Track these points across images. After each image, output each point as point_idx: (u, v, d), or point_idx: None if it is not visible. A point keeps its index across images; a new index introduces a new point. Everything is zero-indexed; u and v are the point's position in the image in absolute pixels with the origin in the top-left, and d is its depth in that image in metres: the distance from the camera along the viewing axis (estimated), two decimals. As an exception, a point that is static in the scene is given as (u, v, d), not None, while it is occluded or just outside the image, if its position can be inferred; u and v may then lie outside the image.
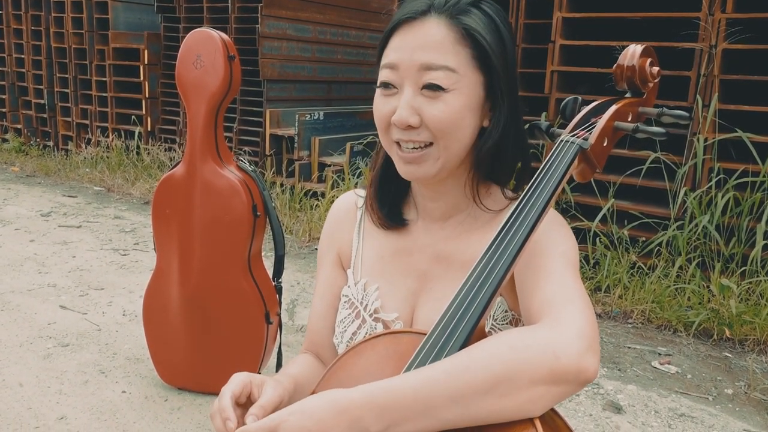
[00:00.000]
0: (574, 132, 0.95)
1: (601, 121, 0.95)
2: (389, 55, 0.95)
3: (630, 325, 3.66)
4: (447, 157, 0.96)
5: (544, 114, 4.38)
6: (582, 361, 0.74)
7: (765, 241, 3.55)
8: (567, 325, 0.77)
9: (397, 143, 0.96)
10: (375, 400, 0.75)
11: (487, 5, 0.96)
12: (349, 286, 1.11)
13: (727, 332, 3.43)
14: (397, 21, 0.95)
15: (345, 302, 1.10)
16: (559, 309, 0.81)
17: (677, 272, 3.77)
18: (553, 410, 0.80)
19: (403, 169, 0.98)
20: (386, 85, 0.95)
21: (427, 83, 0.92)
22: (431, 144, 0.94)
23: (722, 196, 3.72)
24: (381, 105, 0.97)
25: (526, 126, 1.02)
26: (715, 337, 3.46)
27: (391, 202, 1.09)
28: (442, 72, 0.91)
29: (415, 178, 0.98)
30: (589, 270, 4.05)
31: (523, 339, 0.76)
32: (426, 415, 0.74)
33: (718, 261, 3.74)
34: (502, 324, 1.00)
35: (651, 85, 1.02)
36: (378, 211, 1.08)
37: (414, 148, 0.95)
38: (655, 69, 1.01)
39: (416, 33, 0.93)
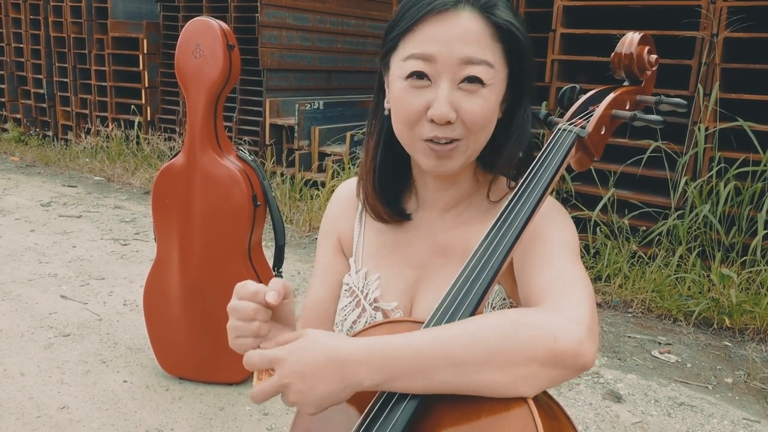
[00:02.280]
0: (572, 120, 0.95)
1: (599, 110, 0.94)
2: (421, 45, 0.90)
3: (630, 315, 3.66)
4: (473, 151, 0.95)
5: (544, 103, 4.36)
6: (580, 347, 0.74)
7: (766, 231, 3.55)
8: (567, 311, 0.78)
9: (429, 139, 0.92)
10: (374, 354, 0.77)
11: (510, 2, 0.95)
12: (350, 275, 1.10)
13: (727, 321, 3.43)
14: (426, 10, 0.90)
15: (346, 290, 1.10)
16: (560, 294, 0.81)
17: (677, 262, 3.77)
18: (550, 397, 0.81)
19: (429, 164, 0.95)
20: (421, 76, 0.90)
21: (468, 76, 0.89)
22: (462, 139, 0.93)
23: (723, 186, 3.71)
24: (411, 97, 0.91)
25: None
26: (715, 326, 3.46)
27: (393, 197, 1.07)
28: (482, 66, 0.89)
29: (441, 172, 0.96)
30: (590, 259, 4.05)
31: (525, 317, 0.77)
32: (422, 374, 0.75)
33: (719, 250, 3.74)
34: None
35: (649, 73, 1.02)
36: (381, 206, 1.06)
37: (446, 143, 0.92)
38: (653, 57, 1.01)
39: (452, 25, 0.89)
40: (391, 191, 1.07)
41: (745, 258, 3.63)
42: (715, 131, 3.80)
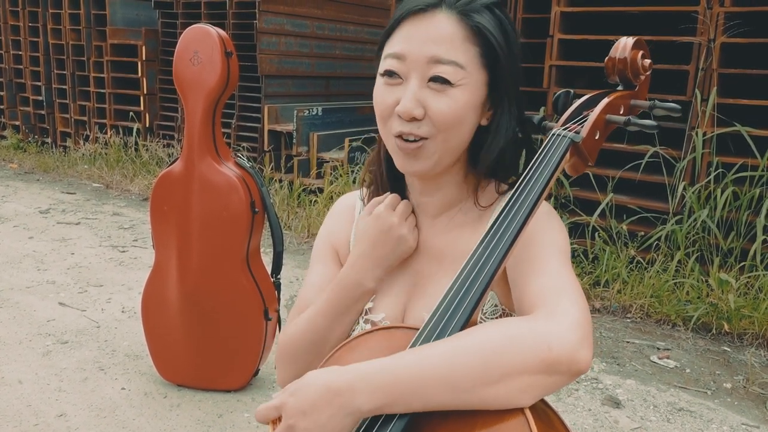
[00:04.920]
0: (566, 125, 0.95)
1: (593, 115, 0.94)
2: (396, 44, 0.94)
3: (629, 320, 3.66)
4: (444, 152, 0.95)
5: (542, 108, 4.37)
6: (575, 353, 0.75)
7: (764, 236, 3.56)
8: (561, 317, 0.78)
9: (397, 135, 0.95)
10: (369, 380, 0.77)
11: (499, 10, 0.96)
12: None
13: (726, 326, 3.43)
14: (406, 11, 0.94)
15: None
16: (553, 300, 0.81)
17: (676, 267, 3.77)
18: (546, 404, 0.81)
19: (399, 161, 0.98)
20: (391, 74, 0.94)
21: (434, 76, 0.91)
22: (429, 138, 0.94)
23: (721, 191, 3.71)
24: (384, 94, 0.96)
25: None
26: (713, 331, 3.46)
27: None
28: (450, 66, 0.91)
29: (411, 170, 0.98)
30: (588, 264, 4.05)
31: (517, 328, 0.77)
32: (418, 397, 0.75)
33: (717, 255, 3.74)
34: (491, 318, 1.00)
35: (643, 77, 1.02)
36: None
37: (413, 140, 0.94)
38: (647, 61, 1.01)
39: (426, 25, 0.92)
40: (394, 190, 1.08)
41: (743, 263, 3.64)
42: (712, 136, 3.80)
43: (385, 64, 0.95)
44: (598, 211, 4.02)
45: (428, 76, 0.92)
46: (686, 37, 3.84)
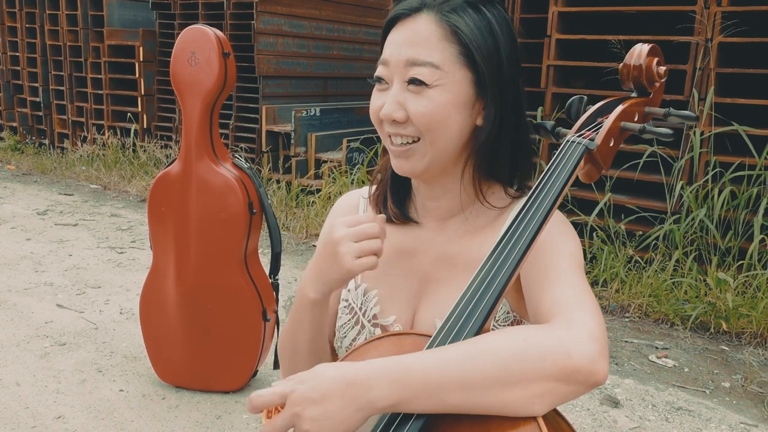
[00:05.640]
0: (580, 132, 0.94)
1: (608, 122, 0.93)
2: (384, 51, 0.97)
3: (627, 320, 3.66)
4: (434, 153, 0.95)
5: (540, 108, 4.37)
6: (594, 364, 0.74)
7: (762, 235, 3.56)
8: (580, 327, 0.77)
9: (389, 137, 0.97)
10: (385, 375, 0.75)
11: (489, 8, 0.95)
12: (349, 290, 1.09)
13: (724, 325, 3.43)
14: (391, 17, 0.97)
15: (344, 307, 1.08)
16: (571, 311, 0.81)
17: (674, 266, 3.78)
18: (557, 412, 0.80)
19: (394, 163, 0.99)
20: (379, 80, 0.97)
21: (410, 78, 0.92)
22: (418, 139, 0.95)
23: (719, 191, 3.72)
24: (374, 100, 0.98)
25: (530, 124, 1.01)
26: (712, 330, 3.46)
27: (400, 198, 1.09)
28: (426, 68, 0.91)
29: (404, 172, 0.98)
30: (587, 264, 4.05)
31: (537, 334, 0.76)
32: (434, 396, 0.74)
33: (715, 255, 3.74)
34: (503, 325, 0.99)
35: (657, 84, 1.00)
36: (392, 203, 1.08)
37: (402, 143, 0.95)
38: (662, 68, 0.99)
39: (406, 29, 0.94)
40: (400, 194, 1.09)
41: (741, 262, 3.64)
42: (710, 136, 3.81)
43: (376, 72, 0.97)
44: (596, 210, 4.02)
45: (407, 78, 0.93)
46: (684, 37, 3.85)
